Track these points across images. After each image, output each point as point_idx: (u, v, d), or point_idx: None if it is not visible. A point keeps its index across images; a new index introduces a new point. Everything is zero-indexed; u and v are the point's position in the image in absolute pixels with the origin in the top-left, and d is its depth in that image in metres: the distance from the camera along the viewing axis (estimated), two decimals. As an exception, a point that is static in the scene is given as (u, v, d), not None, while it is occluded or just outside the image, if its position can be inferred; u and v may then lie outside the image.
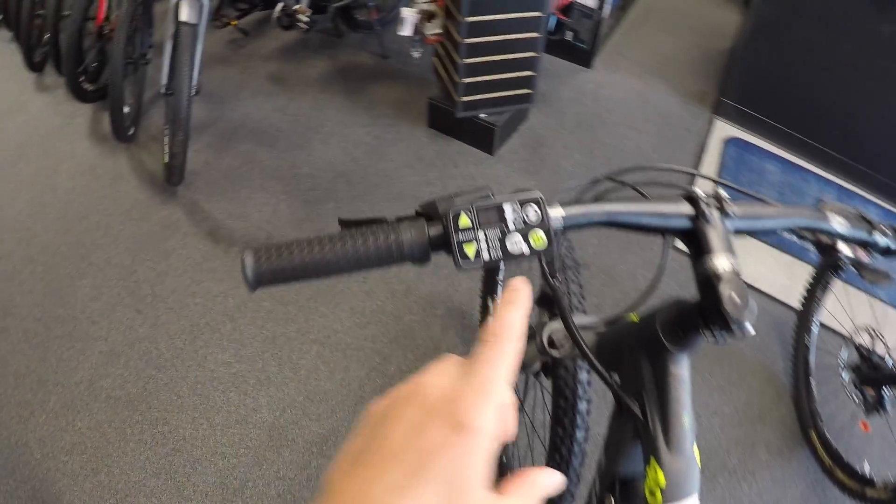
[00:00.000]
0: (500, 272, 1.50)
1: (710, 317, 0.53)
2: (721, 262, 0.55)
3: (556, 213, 0.55)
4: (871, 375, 1.69)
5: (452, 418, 0.33)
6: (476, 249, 0.51)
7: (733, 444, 1.80)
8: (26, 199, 2.42)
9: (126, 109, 2.49)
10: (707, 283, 0.54)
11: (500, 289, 1.53)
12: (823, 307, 1.88)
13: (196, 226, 2.30)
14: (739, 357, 2.01)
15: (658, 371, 0.60)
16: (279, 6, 2.77)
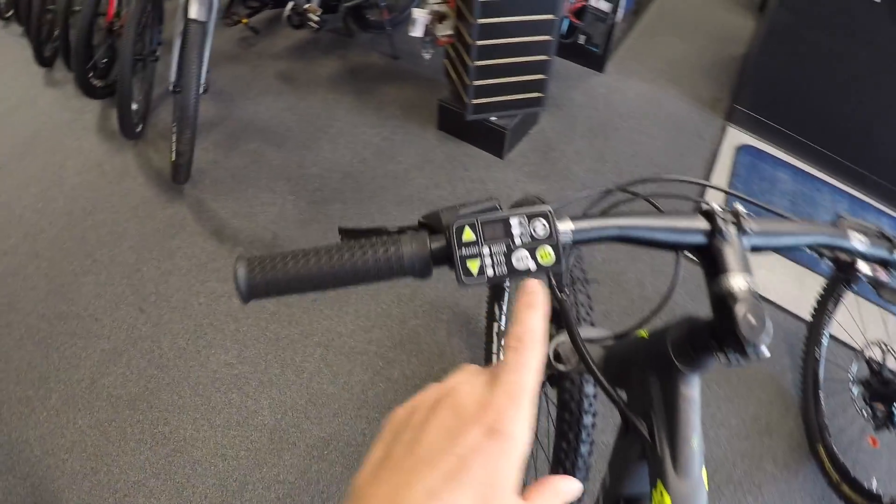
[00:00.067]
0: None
1: (723, 338, 0.51)
2: (737, 281, 0.53)
3: (566, 228, 0.53)
4: (882, 391, 1.66)
5: (486, 424, 0.34)
6: (480, 265, 0.50)
7: (739, 456, 1.77)
8: (33, 194, 2.42)
9: (134, 106, 2.49)
10: (721, 303, 0.52)
11: (506, 294, 1.52)
12: (834, 319, 1.85)
13: (202, 225, 2.30)
14: (748, 368, 1.98)
15: (667, 391, 0.59)
16: (290, 5, 2.76)
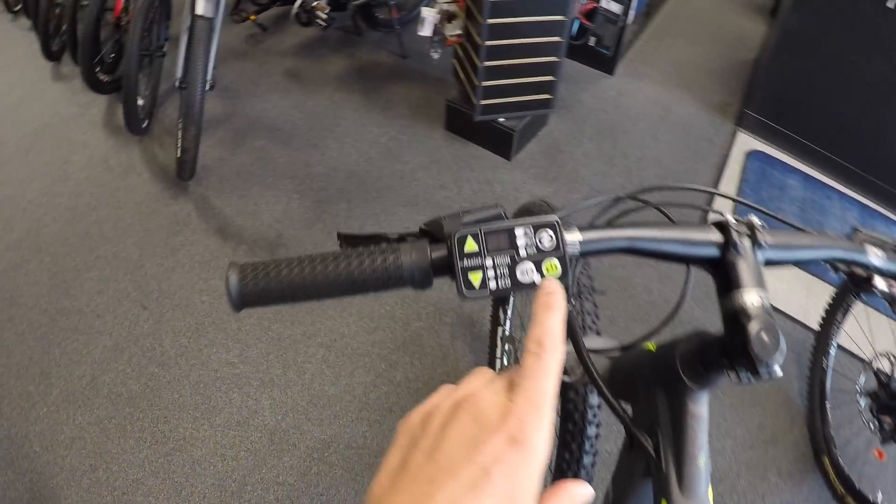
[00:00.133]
0: None
1: (734, 356, 0.49)
2: (751, 297, 0.50)
3: (573, 239, 0.51)
4: (890, 403, 1.63)
5: (508, 433, 0.33)
6: (482, 278, 0.47)
7: (744, 466, 1.74)
8: (37, 189, 2.42)
9: (140, 102, 2.48)
10: (734, 319, 0.50)
11: (511, 298, 1.49)
12: (842, 330, 1.82)
13: (206, 222, 2.28)
14: (756, 380, 1.95)
15: (674, 407, 0.56)
16: (298, 2, 2.74)
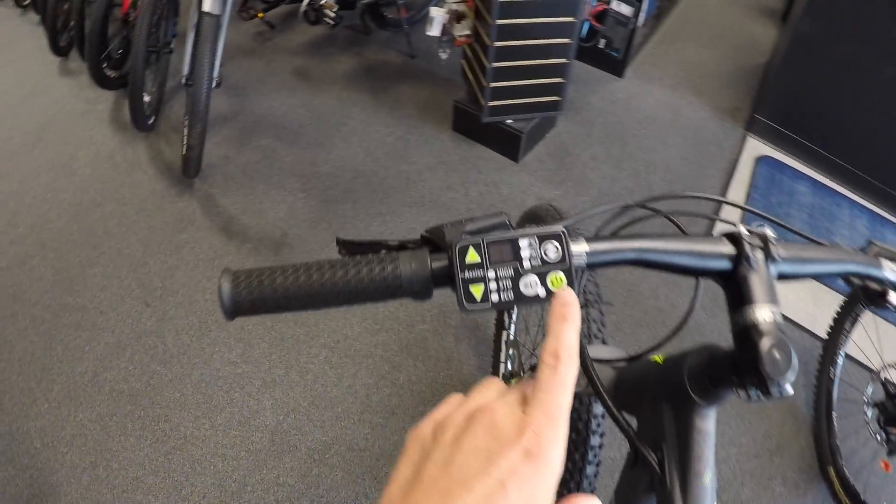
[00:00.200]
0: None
1: (745, 373, 0.47)
2: (763, 313, 0.48)
3: (580, 250, 0.49)
4: (898, 415, 1.62)
5: (524, 446, 0.33)
6: (484, 290, 0.46)
7: (748, 475, 1.72)
8: (43, 184, 2.42)
9: (147, 98, 2.47)
10: (745, 335, 0.48)
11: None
12: (851, 339, 1.80)
13: (210, 220, 2.27)
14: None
15: (681, 422, 0.54)
16: (306, 0, 2.73)
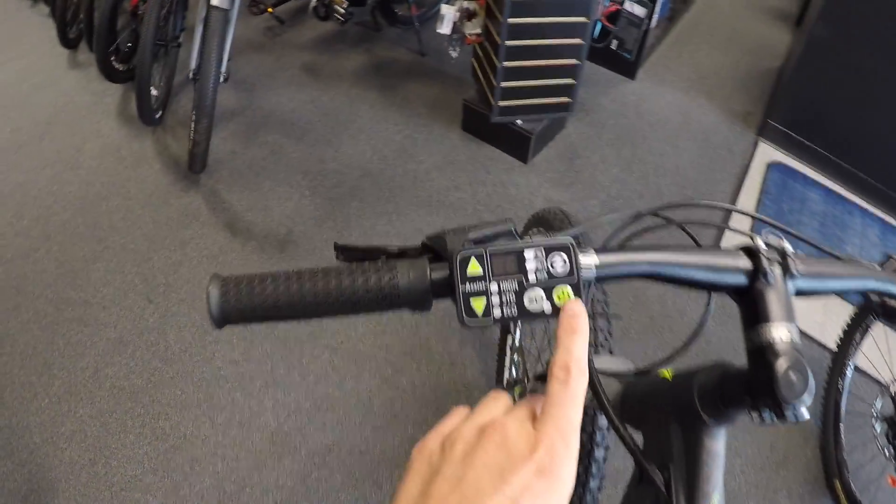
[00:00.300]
0: None
1: (758, 394, 0.45)
2: (779, 332, 0.46)
3: (589, 262, 0.46)
4: (907, 430, 1.58)
5: (537, 463, 0.33)
6: (486, 304, 0.43)
7: (753, 487, 1.69)
8: (49, 176, 2.41)
9: (154, 92, 2.45)
10: (760, 354, 0.46)
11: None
12: (860, 351, 1.76)
13: (215, 216, 2.26)
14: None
15: (689, 441, 0.52)
16: (316, -4, 2.72)
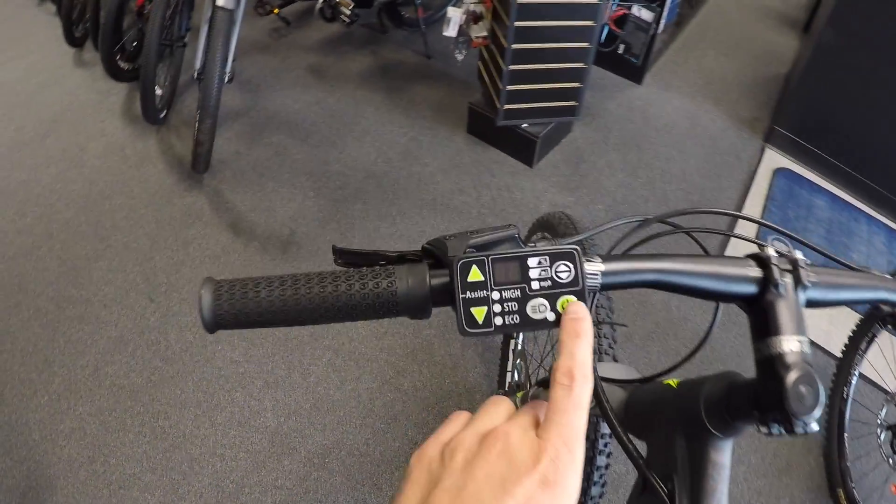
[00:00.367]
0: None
1: (767, 407, 0.43)
2: (790, 344, 0.45)
3: (594, 269, 0.45)
4: (911, 439, 1.57)
5: (541, 474, 0.33)
6: (487, 313, 0.41)
7: (756, 494, 1.67)
8: (52, 174, 2.41)
9: (159, 92, 2.46)
10: (769, 366, 0.45)
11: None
12: (866, 359, 1.74)
13: (218, 216, 2.25)
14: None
15: (694, 453, 0.50)
16: (322, -3, 2.72)
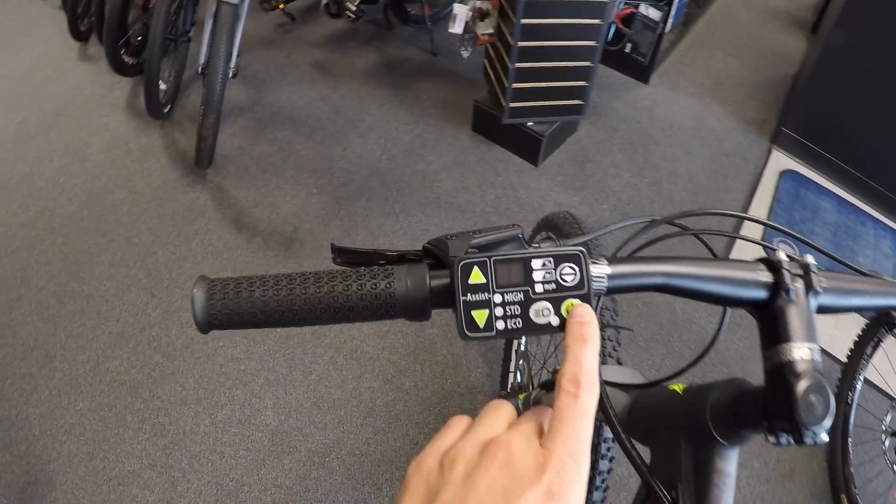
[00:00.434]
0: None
1: (775, 416, 0.42)
2: (800, 352, 0.43)
3: (600, 272, 0.44)
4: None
5: (546, 486, 0.32)
6: (488, 316, 0.40)
7: (758, 499, 1.66)
8: (55, 168, 2.40)
9: (163, 87, 2.44)
10: (778, 373, 0.43)
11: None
12: (871, 364, 1.72)
13: (221, 212, 2.24)
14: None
15: (699, 461, 0.49)
16: (327, -7, 2.70)
